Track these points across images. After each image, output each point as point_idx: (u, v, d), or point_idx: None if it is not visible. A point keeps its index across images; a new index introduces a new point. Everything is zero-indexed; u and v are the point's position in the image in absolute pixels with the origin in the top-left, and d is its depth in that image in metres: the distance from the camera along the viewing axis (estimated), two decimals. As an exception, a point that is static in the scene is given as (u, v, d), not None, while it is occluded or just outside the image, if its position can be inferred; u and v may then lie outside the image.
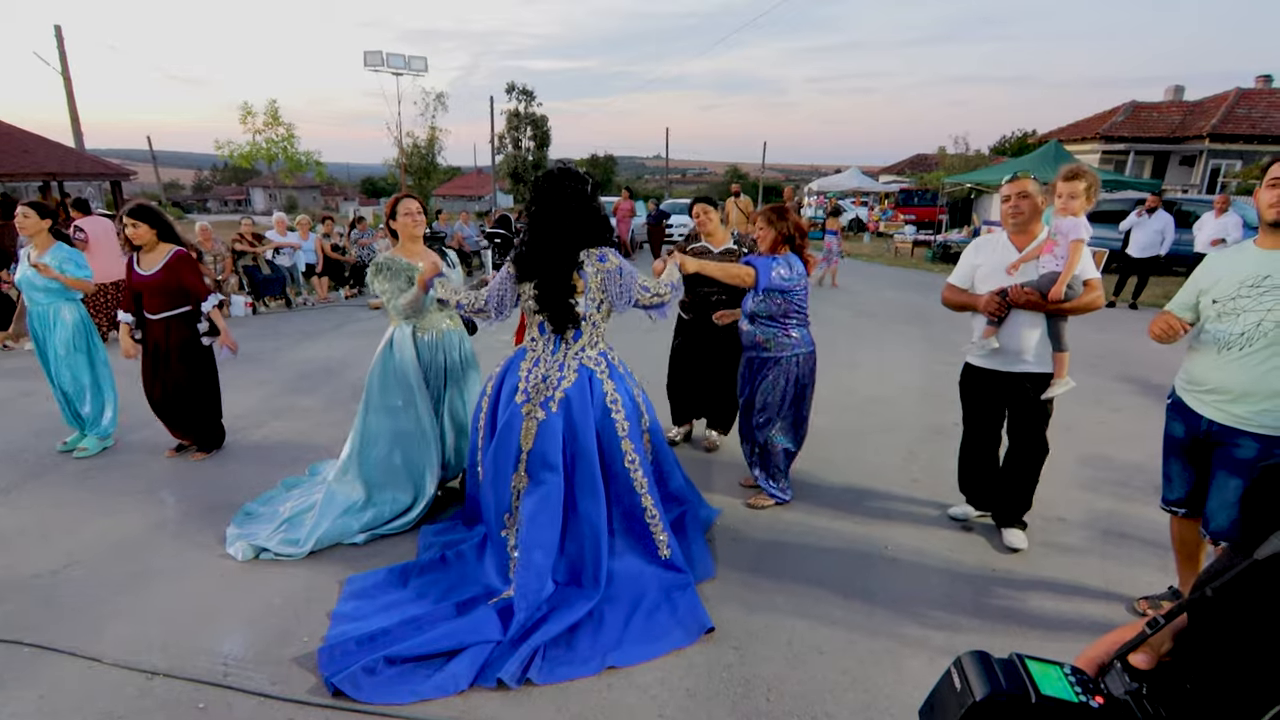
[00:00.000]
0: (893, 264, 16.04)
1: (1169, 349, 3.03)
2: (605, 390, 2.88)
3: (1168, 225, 9.91)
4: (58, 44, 16.86)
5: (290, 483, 3.96)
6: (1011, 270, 3.15)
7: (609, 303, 2.86)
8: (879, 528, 3.57)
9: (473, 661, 2.45)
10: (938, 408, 5.27)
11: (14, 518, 3.61)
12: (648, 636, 2.64)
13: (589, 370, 2.89)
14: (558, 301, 2.77)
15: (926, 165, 32.02)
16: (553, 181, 2.78)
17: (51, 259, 4.31)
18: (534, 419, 2.85)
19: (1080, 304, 3.04)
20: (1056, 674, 0.78)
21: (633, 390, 3.02)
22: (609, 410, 2.88)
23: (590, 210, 2.80)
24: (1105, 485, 4.10)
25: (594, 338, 2.91)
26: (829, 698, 2.37)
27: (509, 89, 32.41)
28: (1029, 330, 3.11)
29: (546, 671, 2.45)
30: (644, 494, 2.96)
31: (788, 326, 3.56)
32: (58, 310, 4.42)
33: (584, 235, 2.78)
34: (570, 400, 2.82)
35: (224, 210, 54.47)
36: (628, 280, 2.82)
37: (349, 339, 7.99)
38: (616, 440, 2.89)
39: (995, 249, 3.25)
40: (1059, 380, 3.13)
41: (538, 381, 2.86)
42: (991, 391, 3.29)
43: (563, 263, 2.76)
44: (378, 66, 9.85)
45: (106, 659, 2.51)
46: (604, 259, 2.80)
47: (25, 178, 13.81)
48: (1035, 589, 3.04)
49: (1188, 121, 19.89)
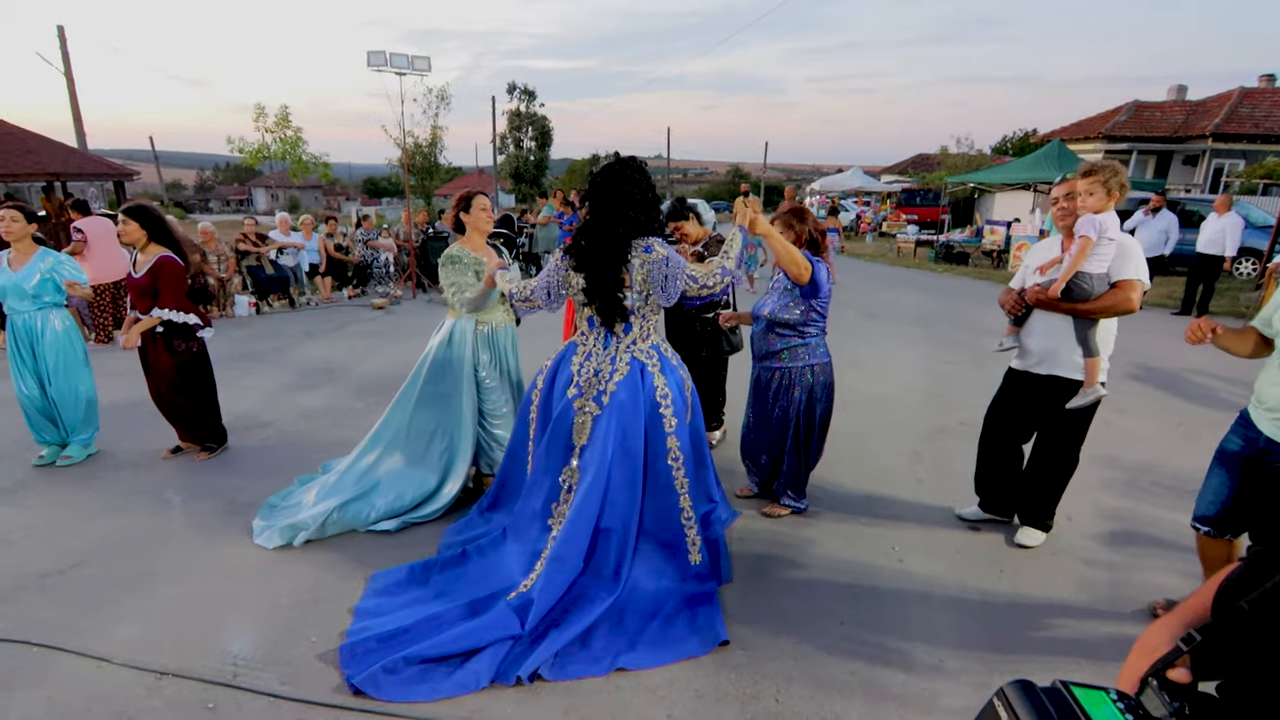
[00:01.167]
0: (895, 264, 16.02)
1: (1175, 351, 3.01)
2: (656, 385, 2.84)
3: (1172, 225, 9.89)
4: (60, 44, 16.87)
5: (305, 479, 4.01)
6: (1041, 270, 3.12)
7: (653, 294, 2.79)
8: (885, 528, 3.56)
9: (492, 659, 2.46)
10: (942, 408, 5.26)
11: (21, 517, 3.61)
12: (662, 642, 2.63)
13: (640, 364, 2.85)
14: (606, 294, 2.75)
15: (928, 165, 32.00)
16: (613, 172, 2.76)
17: (38, 265, 4.16)
18: (587, 414, 2.84)
19: (1100, 305, 2.92)
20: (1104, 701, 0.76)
21: (683, 384, 2.97)
22: (658, 405, 2.84)
23: (647, 202, 2.78)
24: (1113, 485, 4.10)
25: (645, 330, 2.89)
26: (838, 699, 2.37)
27: (510, 89, 32.46)
28: (1053, 332, 3.05)
29: (558, 669, 2.46)
30: (683, 494, 2.92)
31: (806, 335, 3.37)
32: (47, 318, 4.21)
33: (637, 227, 2.75)
34: (621, 395, 2.79)
35: (226, 210, 54.50)
36: (673, 270, 2.75)
37: (352, 339, 7.99)
38: (663, 437, 2.85)
39: (1048, 251, 3.20)
40: (1087, 388, 3.02)
41: (590, 376, 2.85)
42: (1025, 394, 3.24)
43: (614, 255, 2.73)
44: (381, 66, 9.82)
45: (115, 659, 2.51)
46: (650, 249, 2.75)
47: (28, 178, 13.82)
48: (1044, 590, 3.03)
49: (1190, 121, 19.86)
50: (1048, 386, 3.13)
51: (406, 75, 10.25)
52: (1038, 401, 3.19)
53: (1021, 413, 3.28)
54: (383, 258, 11.60)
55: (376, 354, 7.10)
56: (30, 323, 4.18)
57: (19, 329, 4.18)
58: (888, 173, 36.33)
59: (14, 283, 4.11)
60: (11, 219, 4.12)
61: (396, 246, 11.74)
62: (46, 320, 4.21)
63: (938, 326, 8.53)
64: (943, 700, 2.36)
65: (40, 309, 4.20)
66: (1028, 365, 3.19)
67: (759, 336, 3.50)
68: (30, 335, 4.19)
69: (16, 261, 4.17)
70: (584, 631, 2.62)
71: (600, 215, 2.77)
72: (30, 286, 4.13)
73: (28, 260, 4.18)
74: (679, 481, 2.90)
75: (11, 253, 4.20)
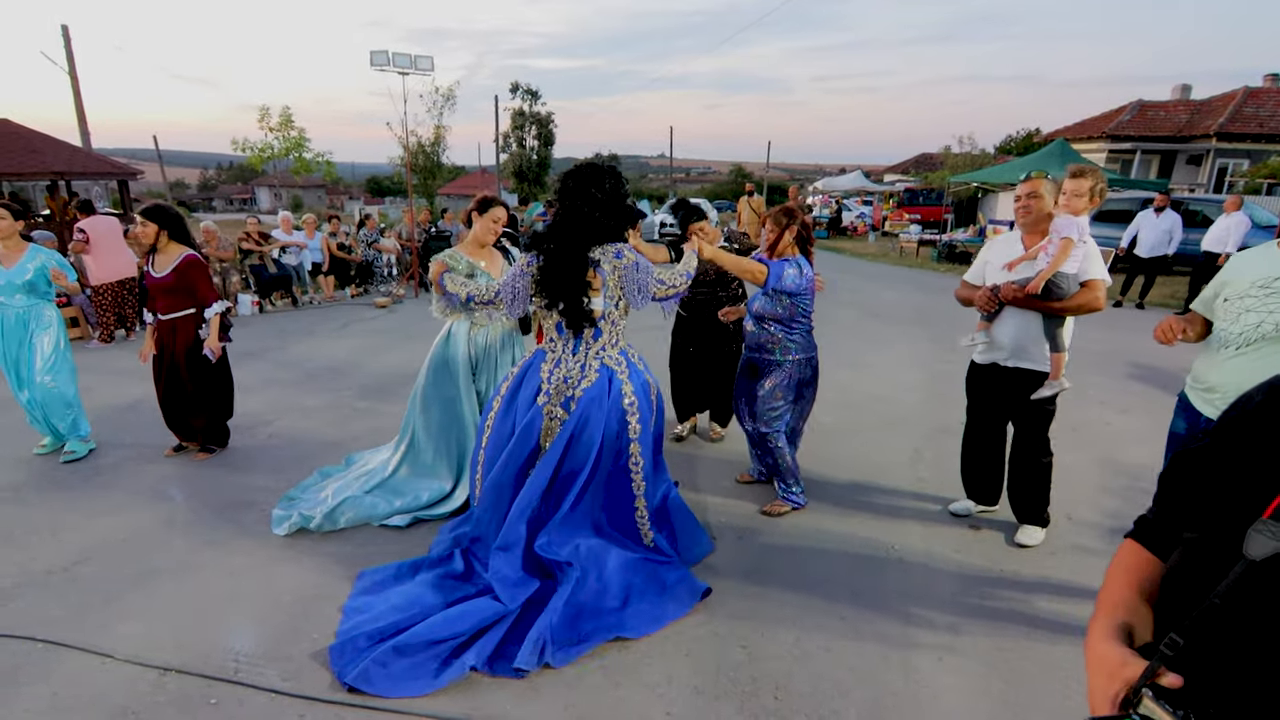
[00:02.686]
0: (898, 264, 16.00)
1: (1176, 351, 3.02)
2: (624, 392, 2.88)
3: (1176, 225, 9.87)
4: (64, 44, 16.92)
5: (326, 471, 4.07)
6: (1010, 267, 3.18)
7: (627, 299, 2.84)
8: (886, 527, 3.57)
9: (480, 651, 2.50)
10: (943, 407, 5.26)
11: (25, 515, 3.64)
12: (648, 609, 2.76)
13: (610, 370, 2.88)
14: (572, 298, 2.76)
15: (931, 164, 31.92)
16: (583, 174, 2.77)
17: (28, 262, 4.23)
18: (555, 419, 2.87)
19: (1073, 304, 3.04)
20: None
21: (649, 387, 3.01)
22: (625, 413, 2.87)
23: (616, 207, 2.79)
24: (1113, 486, 4.10)
25: (614, 336, 2.90)
26: (836, 696, 2.38)
27: (514, 88, 32.39)
28: (1024, 327, 3.14)
29: (560, 657, 2.52)
30: (639, 495, 2.99)
31: (792, 331, 3.55)
32: (40, 312, 4.30)
33: (602, 232, 2.77)
34: (586, 400, 2.83)
35: (229, 209, 54.64)
36: (644, 275, 2.80)
37: (354, 338, 8.01)
38: (626, 442, 2.90)
39: (1007, 246, 3.28)
40: (1052, 381, 3.14)
41: (559, 382, 2.87)
42: (993, 387, 3.32)
43: (580, 259, 2.74)
44: (384, 66, 9.82)
45: (119, 655, 2.53)
46: (620, 255, 2.78)
47: (33, 177, 13.85)
48: (1043, 589, 3.03)
49: (1195, 120, 19.79)
50: (1016, 379, 3.22)
51: (409, 75, 10.26)
52: (1007, 393, 3.28)
53: (995, 404, 3.37)
54: (385, 257, 11.61)
55: (379, 353, 7.11)
56: (24, 315, 4.26)
57: (9, 325, 4.25)
58: (890, 172, 36.27)
59: (5, 280, 4.17)
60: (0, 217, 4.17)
61: (400, 246, 11.77)
62: (40, 314, 4.31)
63: (939, 326, 8.52)
64: (943, 699, 2.37)
65: (34, 303, 4.28)
66: (996, 359, 3.27)
67: (751, 330, 3.70)
68: (22, 331, 4.27)
69: (7, 259, 4.22)
70: (568, 619, 2.64)
71: (567, 217, 2.77)
72: (21, 282, 4.20)
73: (19, 257, 4.24)
74: (636, 484, 2.97)
75: (1, 250, 4.24)
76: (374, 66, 9.90)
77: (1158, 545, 1.06)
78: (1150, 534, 1.08)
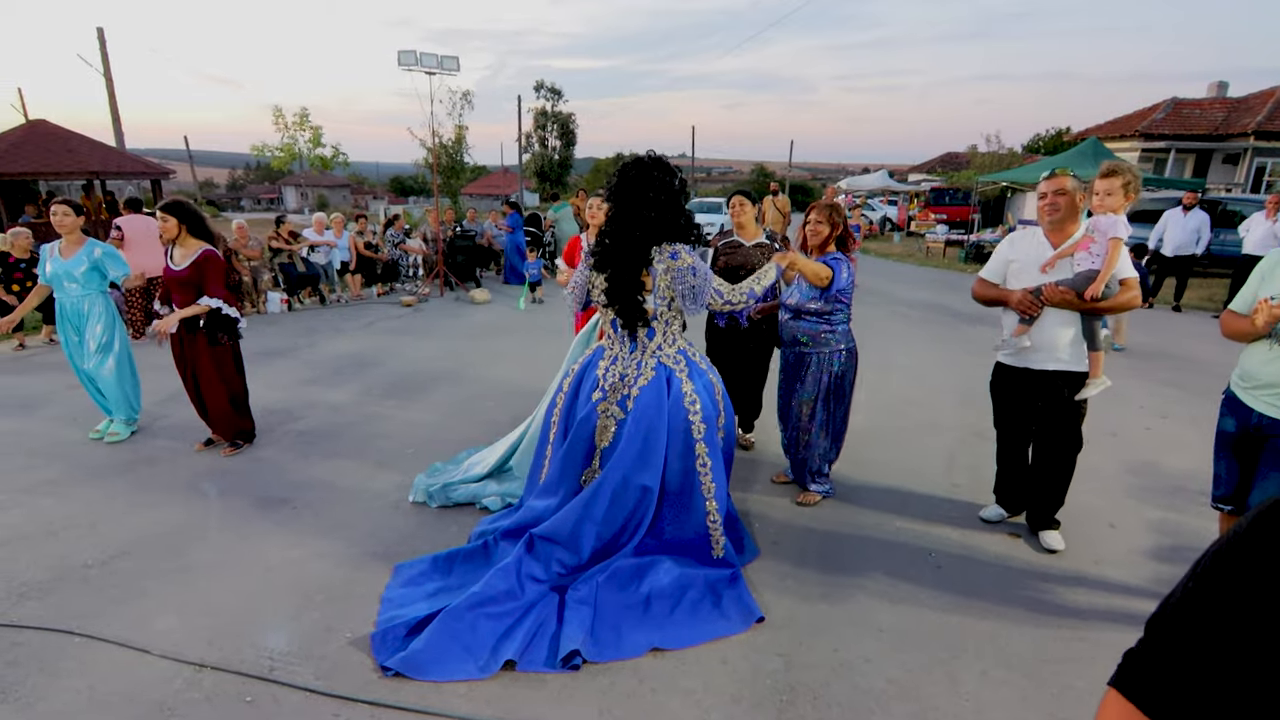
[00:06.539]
0: (924, 264, 15.79)
1: (1215, 353, 2.93)
2: (684, 391, 2.83)
3: (1203, 224, 9.62)
4: (100, 46, 17.28)
5: (471, 450, 4.29)
6: (1046, 268, 3.09)
7: (679, 301, 2.80)
8: (923, 533, 3.50)
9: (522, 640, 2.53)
10: (975, 410, 5.15)
11: (63, 508, 3.69)
12: (692, 623, 2.69)
13: (667, 369, 2.84)
14: (626, 297, 2.74)
15: (957, 164, 31.47)
16: (639, 171, 2.74)
17: (87, 254, 4.58)
18: (610, 417, 2.85)
19: (1116, 303, 3.02)
20: None
21: (713, 387, 2.95)
22: (686, 411, 2.82)
23: (673, 205, 2.76)
24: (1155, 493, 3.97)
25: (670, 335, 2.87)
26: (876, 708, 2.32)
27: (537, 87, 32.55)
28: (1063, 329, 3.07)
29: (595, 652, 2.51)
30: (710, 498, 2.90)
31: (833, 323, 3.53)
32: (93, 301, 4.63)
33: (661, 230, 2.74)
34: (645, 400, 2.79)
35: (257, 208, 55.40)
36: (701, 282, 2.76)
37: (380, 335, 8.06)
38: (691, 443, 2.84)
39: (1031, 245, 3.18)
40: (1094, 380, 3.09)
41: (615, 380, 2.85)
42: (1025, 391, 3.24)
43: (634, 257, 2.72)
44: (411, 66, 9.87)
45: (155, 650, 2.55)
46: (676, 255, 2.74)
47: (70, 176, 14.17)
48: (1087, 600, 2.94)
49: (1231, 119, 19.26)
50: (1050, 381, 3.15)
51: (436, 75, 10.31)
52: (1040, 395, 3.20)
53: (1027, 407, 3.28)
54: (411, 256, 11.69)
55: (405, 351, 7.16)
56: (78, 304, 4.60)
57: (68, 311, 4.61)
58: (915, 171, 35.82)
59: (65, 269, 4.54)
60: (64, 214, 4.53)
61: (426, 246, 11.84)
62: (93, 303, 4.64)
63: (968, 328, 8.38)
64: (987, 714, 2.30)
65: (87, 293, 4.61)
66: (1028, 362, 3.18)
67: (787, 324, 3.65)
68: (78, 318, 4.62)
69: (67, 251, 4.60)
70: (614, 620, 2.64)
71: (622, 216, 2.75)
72: (79, 273, 4.55)
73: (77, 250, 4.60)
74: (705, 486, 2.89)
75: (62, 243, 4.62)
76: (401, 66, 9.95)
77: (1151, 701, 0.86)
78: (1141, 685, 0.89)
